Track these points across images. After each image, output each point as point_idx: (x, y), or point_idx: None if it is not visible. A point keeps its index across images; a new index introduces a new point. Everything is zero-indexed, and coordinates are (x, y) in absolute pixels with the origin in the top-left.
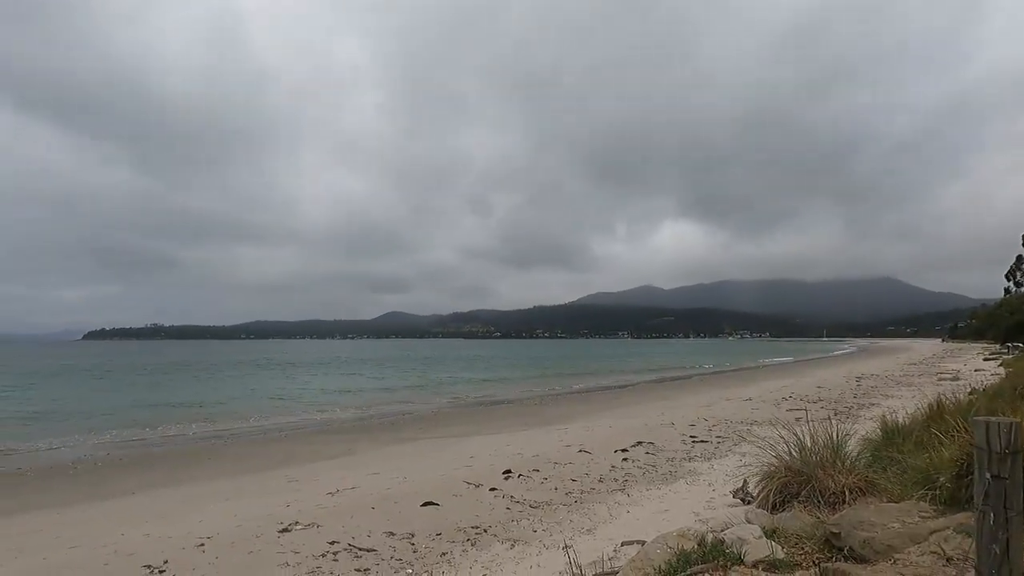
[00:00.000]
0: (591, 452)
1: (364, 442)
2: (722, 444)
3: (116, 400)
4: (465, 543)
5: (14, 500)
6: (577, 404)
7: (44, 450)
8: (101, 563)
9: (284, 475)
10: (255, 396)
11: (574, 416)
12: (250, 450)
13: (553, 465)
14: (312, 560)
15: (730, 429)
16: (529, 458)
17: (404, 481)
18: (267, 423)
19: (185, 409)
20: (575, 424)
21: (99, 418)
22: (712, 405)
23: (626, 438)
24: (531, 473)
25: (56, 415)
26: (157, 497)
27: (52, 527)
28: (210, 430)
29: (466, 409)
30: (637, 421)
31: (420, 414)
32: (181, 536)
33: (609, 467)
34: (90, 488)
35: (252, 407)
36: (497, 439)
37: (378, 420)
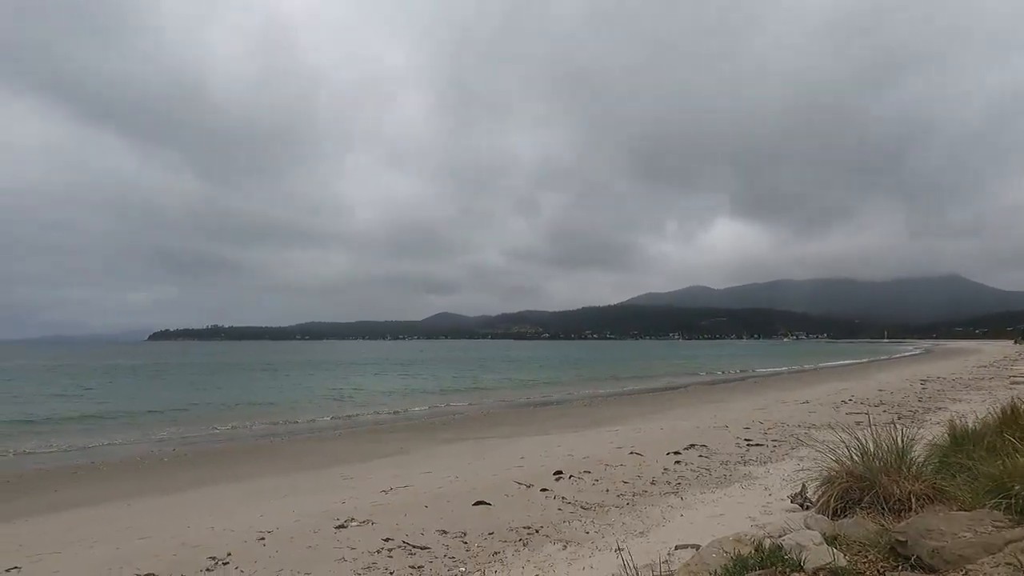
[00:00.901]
0: (642, 454)
1: (416, 441)
2: (778, 448)
3: (179, 398)
4: (517, 543)
5: (90, 492)
6: (627, 406)
7: (115, 445)
8: (170, 554)
9: (339, 473)
10: (309, 395)
11: (624, 418)
12: (305, 448)
13: (604, 467)
14: (368, 556)
15: (786, 432)
16: (580, 459)
17: (456, 480)
18: (321, 422)
19: (243, 408)
20: (625, 426)
21: (164, 415)
22: (767, 408)
23: (678, 440)
24: (582, 475)
25: (125, 412)
26: (219, 492)
27: (124, 518)
28: (267, 428)
29: (515, 410)
30: (689, 423)
31: (470, 414)
32: (243, 530)
33: (661, 470)
34: (157, 482)
35: (306, 406)
36: (547, 440)
37: (429, 420)
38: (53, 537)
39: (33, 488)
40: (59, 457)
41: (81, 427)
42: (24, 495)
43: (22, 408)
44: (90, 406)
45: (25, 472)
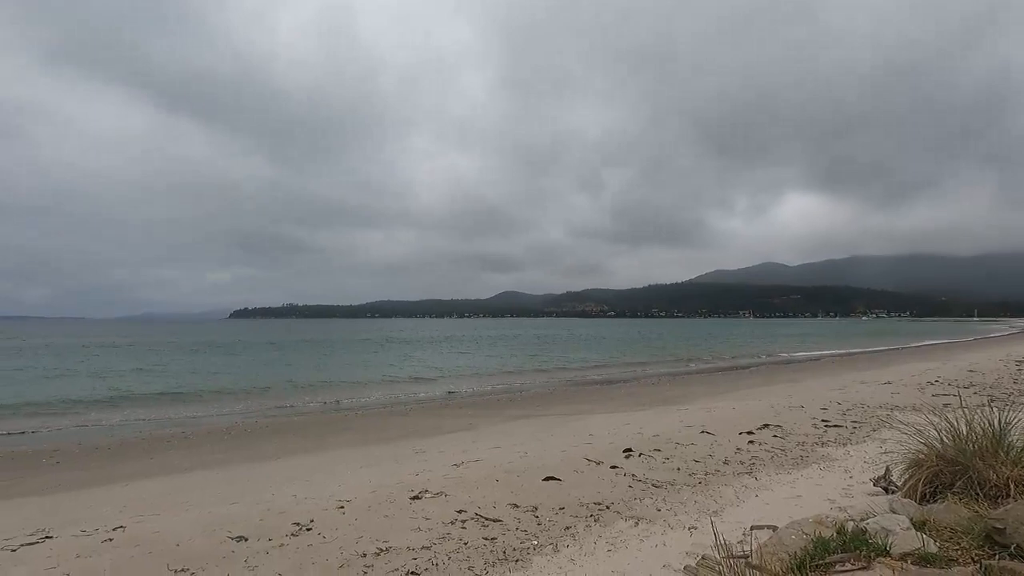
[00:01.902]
0: (714, 433)
1: (483, 417)
2: (859, 429)
3: (258, 373)
4: (588, 519)
5: (182, 460)
6: (696, 385)
7: (201, 417)
8: (257, 519)
9: (411, 446)
10: (380, 371)
11: (694, 397)
12: (378, 422)
13: (675, 445)
14: (442, 527)
15: (867, 414)
16: (649, 437)
17: (525, 456)
18: (391, 397)
19: (317, 382)
20: (695, 405)
21: (245, 389)
22: (845, 388)
23: (751, 420)
24: (652, 452)
25: (208, 387)
26: (299, 462)
27: (214, 484)
28: (341, 402)
29: (582, 388)
30: (762, 403)
31: (536, 392)
32: (323, 498)
33: (734, 449)
34: (242, 452)
35: (377, 382)
36: (615, 418)
37: (496, 396)
38: (152, 500)
39: (131, 455)
40: (151, 427)
41: (169, 400)
42: (124, 461)
43: (112, 383)
44: (176, 381)
45: (124, 440)
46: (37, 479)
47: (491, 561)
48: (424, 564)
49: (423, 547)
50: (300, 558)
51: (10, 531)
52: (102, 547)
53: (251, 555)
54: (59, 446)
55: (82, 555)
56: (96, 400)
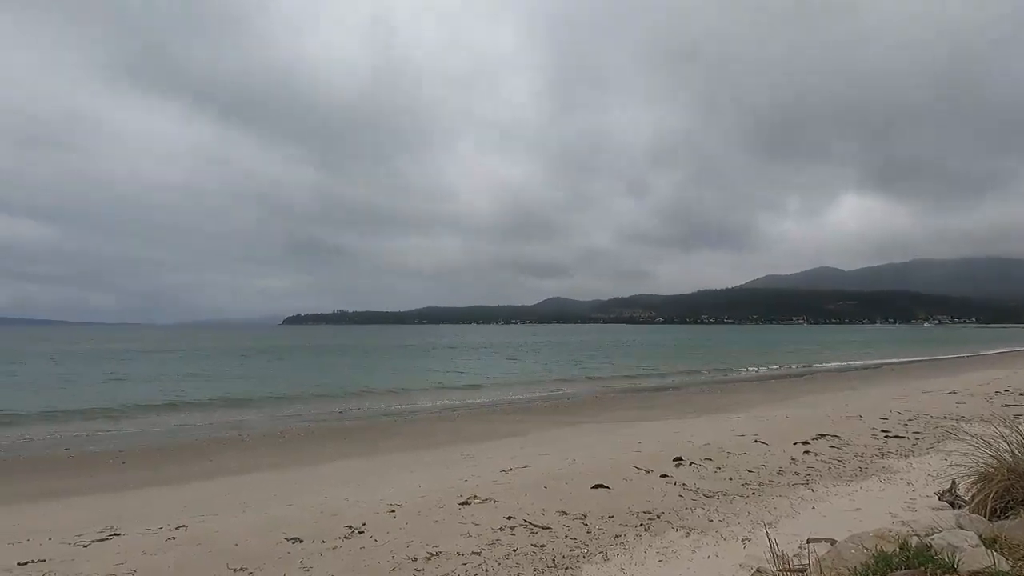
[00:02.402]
0: (767, 443)
1: (531, 423)
2: (922, 440)
3: (310, 379)
4: (638, 527)
5: (238, 462)
6: (748, 392)
7: (255, 421)
8: (312, 520)
9: (459, 452)
10: (428, 377)
11: (746, 405)
12: (426, 427)
13: (726, 455)
14: (491, 533)
15: (931, 424)
16: (700, 446)
17: (573, 463)
18: (439, 403)
19: (367, 388)
20: (747, 413)
21: (298, 394)
22: (906, 397)
23: (806, 430)
24: (703, 462)
25: (263, 391)
26: (351, 466)
27: (269, 486)
28: (390, 408)
29: (630, 395)
30: (817, 412)
31: (584, 398)
32: (374, 502)
33: (789, 460)
34: (295, 455)
35: (425, 388)
36: (664, 426)
37: (543, 403)
38: (211, 501)
39: (190, 458)
40: (208, 431)
41: (224, 404)
42: (183, 463)
43: (170, 387)
44: (230, 386)
45: (183, 443)
46: (104, 478)
47: (540, 568)
48: (474, 569)
49: (472, 552)
50: (353, 560)
51: (81, 528)
52: (166, 545)
53: (306, 556)
54: (123, 448)
55: (148, 552)
56: (155, 404)
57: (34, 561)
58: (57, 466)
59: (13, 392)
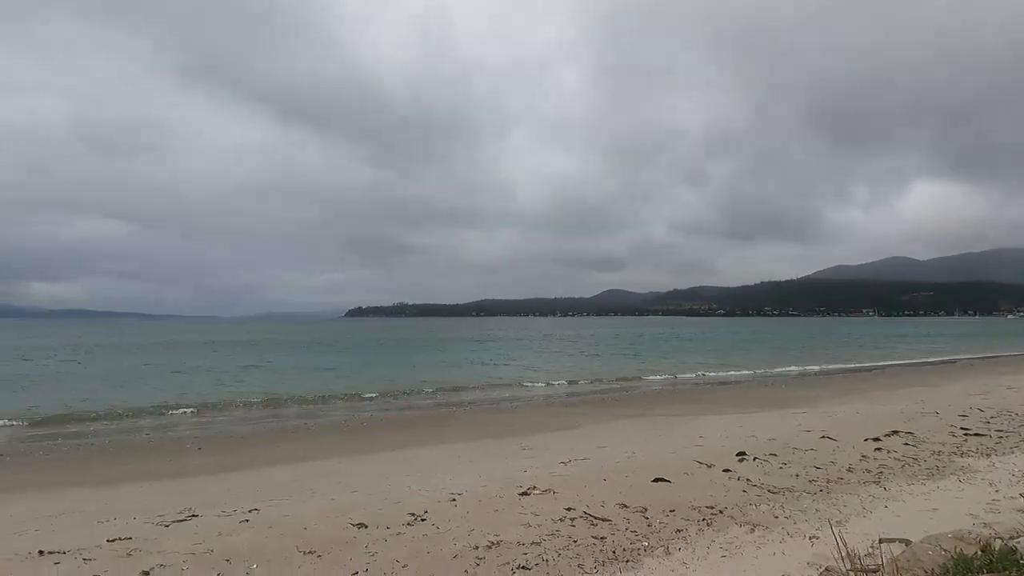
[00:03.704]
0: (836, 439)
1: (589, 416)
2: (1006, 439)
3: (371, 371)
4: (700, 522)
5: (305, 450)
6: (815, 387)
7: (321, 411)
8: (376, 508)
9: (518, 443)
10: (486, 369)
11: (813, 400)
12: (484, 418)
13: (792, 450)
14: (551, 523)
15: (1016, 422)
16: (764, 441)
17: (633, 456)
18: (497, 394)
19: (427, 380)
20: (815, 408)
21: (359, 386)
22: (988, 393)
23: (877, 426)
24: (768, 457)
25: (326, 383)
26: (412, 455)
27: (335, 473)
28: (450, 399)
29: (689, 388)
30: (890, 408)
31: (642, 391)
32: (436, 490)
33: (859, 457)
34: (358, 444)
35: (483, 379)
36: (727, 420)
37: (600, 395)
38: (281, 485)
39: (261, 445)
40: (277, 420)
41: (291, 395)
42: (254, 450)
43: (239, 377)
44: (297, 377)
45: (254, 431)
46: (182, 464)
47: (601, 560)
48: (534, 559)
49: (533, 542)
50: (416, 547)
51: (162, 509)
52: (240, 527)
53: (371, 542)
54: (198, 435)
55: (224, 533)
56: (226, 394)
57: (121, 538)
58: (138, 452)
59: (96, 382)
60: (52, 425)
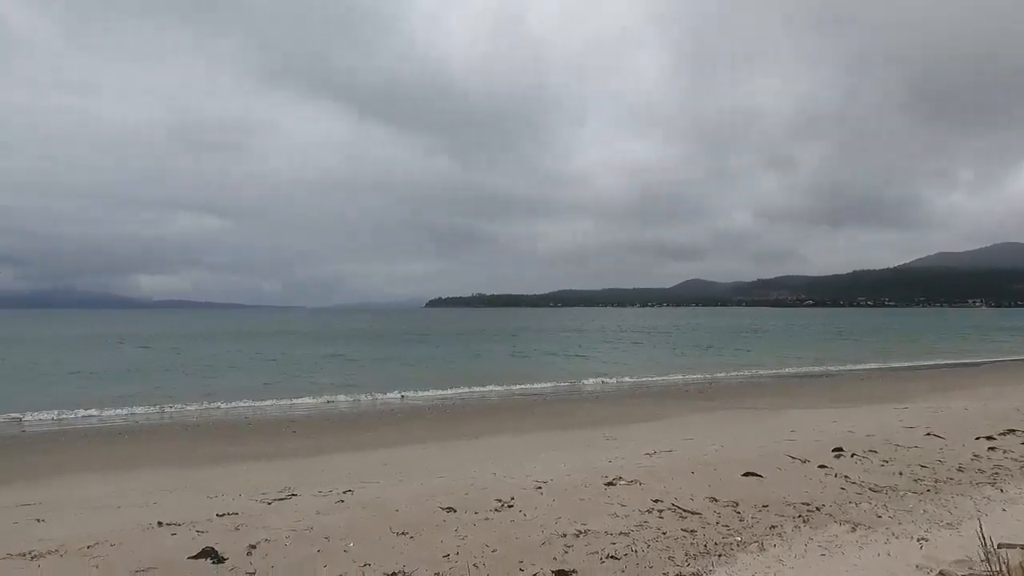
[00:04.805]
0: (943, 437)
1: (672, 407)
2: None
3: (452, 360)
4: (796, 519)
5: (394, 435)
6: (918, 380)
7: (408, 398)
8: (463, 492)
9: (601, 433)
10: (566, 360)
11: (914, 394)
12: (567, 408)
13: (894, 447)
14: (638, 515)
15: None
16: (862, 437)
17: (721, 448)
18: (578, 385)
19: (507, 368)
20: (917, 404)
21: (441, 374)
22: None
23: (991, 424)
24: (867, 454)
25: (411, 371)
26: (497, 443)
27: (423, 459)
28: (529, 388)
29: (777, 380)
30: (1004, 404)
31: (726, 383)
32: (521, 478)
33: (970, 456)
34: (444, 430)
35: (563, 370)
36: (820, 414)
37: (682, 387)
38: (372, 469)
39: (352, 429)
40: (365, 406)
41: (378, 382)
42: (346, 434)
43: (327, 366)
44: (382, 365)
45: (346, 416)
46: (280, 445)
47: (692, 554)
48: (623, 549)
49: (621, 533)
50: (504, 532)
51: (265, 487)
52: (336, 507)
53: (460, 525)
54: (295, 419)
55: (321, 512)
56: (318, 382)
57: (229, 513)
58: (240, 433)
59: (197, 368)
60: (160, 407)
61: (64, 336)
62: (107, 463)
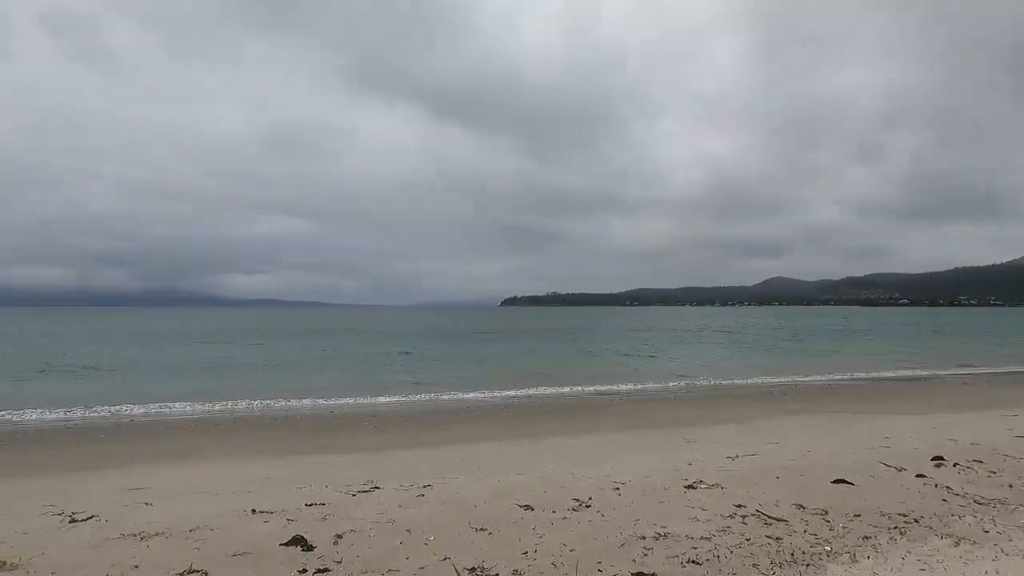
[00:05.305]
0: None
1: (755, 409)
2: None
3: (527, 358)
4: (892, 530)
5: (473, 433)
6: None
7: (483, 397)
8: (540, 490)
9: (680, 435)
10: (642, 360)
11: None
12: (644, 408)
13: (1003, 457)
14: (720, 520)
15: None
16: (966, 446)
17: (808, 454)
18: (653, 385)
19: (580, 368)
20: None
21: (516, 373)
22: None
23: None
24: (971, 463)
25: (485, 369)
26: (572, 442)
27: (500, 456)
28: (605, 388)
29: (870, 383)
30: None
31: (812, 385)
32: (598, 478)
33: None
34: (520, 428)
35: (640, 370)
36: (916, 420)
37: (766, 389)
38: (450, 464)
39: (430, 426)
40: (441, 404)
41: (453, 380)
42: (425, 430)
43: (406, 364)
44: (459, 363)
45: (424, 412)
46: (363, 440)
47: (778, 562)
48: (705, 555)
49: (702, 537)
50: (582, 532)
51: (349, 480)
52: (417, 500)
53: (538, 523)
54: (374, 414)
55: (403, 505)
56: (394, 378)
57: (316, 504)
58: (323, 427)
59: (285, 363)
60: (248, 401)
61: (170, 332)
62: (205, 452)
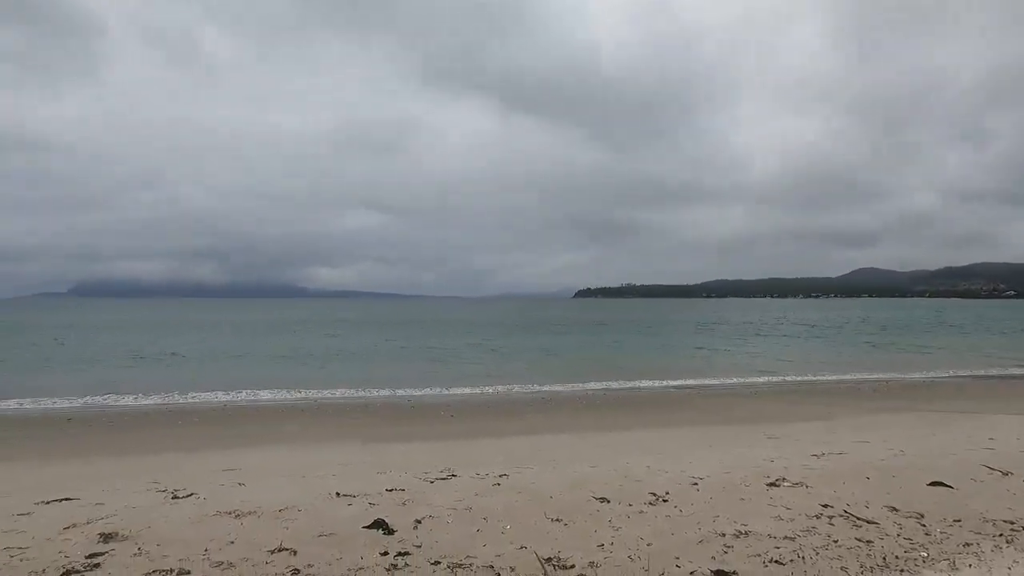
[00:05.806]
0: None
1: (839, 407)
2: None
3: (601, 351)
4: (997, 538)
5: (546, 424)
6: None
7: (557, 389)
8: (616, 483)
9: (761, 431)
10: (719, 353)
11: None
12: (721, 403)
13: None
14: (805, 519)
15: None
16: None
17: (901, 454)
18: (732, 380)
19: (655, 362)
20: None
21: (589, 365)
22: None
23: None
24: None
25: (554, 360)
26: (647, 435)
27: (574, 448)
28: (682, 382)
29: (969, 380)
30: None
31: (906, 383)
32: (676, 473)
33: None
34: (594, 420)
35: (717, 363)
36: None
37: (855, 385)
38: (525, 455)
39: (504, 416)
40: (517, 395)
41: (525, 372)
42: (499, 420)
43: (476, 356)
44: (533, 355)
45: (497, 403)
46: (439, 428)
47: (868, 566)
48: (788, 555)
49: (785, 537)
50: (659, 526)
51: (426, 467)
52: (493, 489)
53: (613, 516)
54: (450, 404)
55: (479, 494)
56: (469, 369)
57: (396, 489)
58: (402, 416)
59: (362, 353)
60: (331, 390)
61: (254, 322)
62: (291, 437)
